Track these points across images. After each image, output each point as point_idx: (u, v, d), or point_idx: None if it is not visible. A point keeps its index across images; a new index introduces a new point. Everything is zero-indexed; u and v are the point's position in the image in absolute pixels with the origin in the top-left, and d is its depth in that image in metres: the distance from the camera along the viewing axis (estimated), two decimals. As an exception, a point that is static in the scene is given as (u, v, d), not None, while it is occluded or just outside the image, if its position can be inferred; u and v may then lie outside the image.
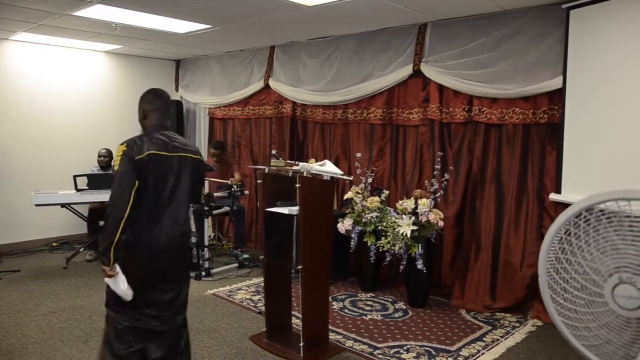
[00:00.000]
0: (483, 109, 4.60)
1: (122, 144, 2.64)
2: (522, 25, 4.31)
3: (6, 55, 6.31)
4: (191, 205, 3.07)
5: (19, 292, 4.87)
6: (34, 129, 6.38)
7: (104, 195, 5.38)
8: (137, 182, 2.56)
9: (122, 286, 2.57)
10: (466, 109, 4.71)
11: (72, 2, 4.40)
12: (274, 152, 5.17)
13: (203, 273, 5.40)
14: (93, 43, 6.47)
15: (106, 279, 2.59)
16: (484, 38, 4.53)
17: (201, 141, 7.69)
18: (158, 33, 5.66)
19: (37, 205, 5.23)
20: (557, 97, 4.14)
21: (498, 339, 3.97)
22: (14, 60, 6.38)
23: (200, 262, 5.49)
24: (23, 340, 3.81)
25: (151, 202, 2.63)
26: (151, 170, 2.62)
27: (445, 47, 4.80)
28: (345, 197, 5.19)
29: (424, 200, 4.62)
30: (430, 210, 4.57)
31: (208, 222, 5.74)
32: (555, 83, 4.10)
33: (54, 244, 6.44)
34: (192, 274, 5.40)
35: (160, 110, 2.89)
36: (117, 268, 2.56)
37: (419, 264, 4.47)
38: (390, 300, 4.86)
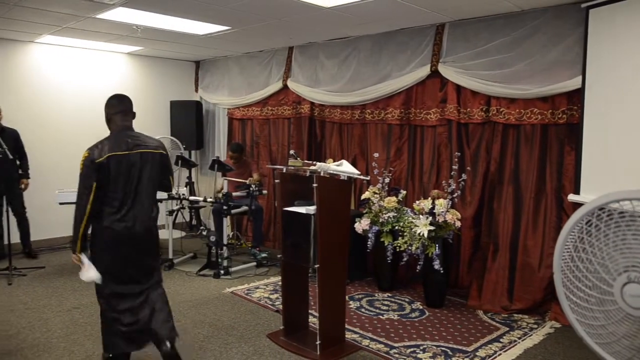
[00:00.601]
0: (501, 109, 4.58)
1: (86, 151, 2.99)
2: (541, 25, 4.29)
3: (32, 57, 6.47)
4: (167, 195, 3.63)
5: (43, 287, 5.00)
6: (59, 129, 6.52)
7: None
8: (94, 183, 2.93)
9: (90, 273, 2.97)
10: (484, 109, 4.70)
11: (95, 5, 4.50)
12: (291, 152, 5.19)
13: (222, 271, 5.47)
14: (115, 45, 6.60)
15: (82, 272, 3.02)
16: (502, 38, 4.52)
17: (220, 141, 7.77)
18: (178, 35, 5.75)
19: (60, 203, 5.35)
20: (576, 97, 4.11)
21: (515, 340, 3.95)
22: (39, 62, 6.54)
23: (219, 260, 5.57)
24: (47, 334, 3.92)
25: (118, 195, 3.01)
26: (113, 169, 2.97)
27: (463, 48, 4.79)
28: (363, 197, 5.22)
29: (441, 200, 4.62)
30: (447, 211, 4.57)
31: (227, 222, 5.80)
32: (574, 83, 4.08)
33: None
34: (211, 272, 5.50)
35: (122, 113, 3.19)
36: (84, 257, 2.99)
37: (436, 264, 4.48)
38: (407, 300, 4.87)
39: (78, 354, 3.59)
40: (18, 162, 5.78)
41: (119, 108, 3.20)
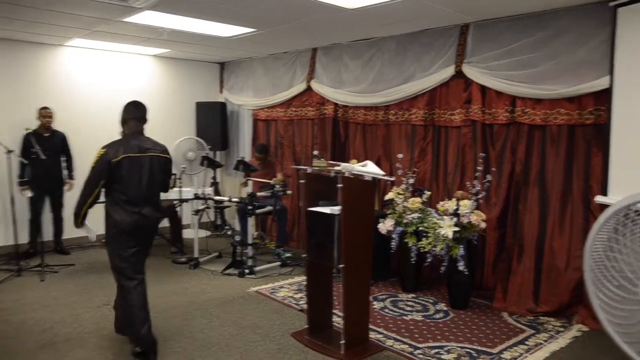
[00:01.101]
0: (526, 110, 4.55)
1: (102, 148, 3.45)
2: (567, 25, 4.25)
3: (62, 60, 6.64)
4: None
5: (74, 284, 5.13)
6: (87, 130, 6.65)
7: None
8: (104, 180, 3.40)
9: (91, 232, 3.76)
10: (509, 109, 4.66)
11: (123, 9, 4.60)
12: (315, 152, 5.23)
13: (246, 271, 5.53)
14: (142, 47, 6.73)
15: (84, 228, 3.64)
16: (527, 38, 4.48)
17: (245, 142, 7.85)
18: (204, 37, 5.83)
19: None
20: (604, 97, 4.05)
21: (541, 343, 3.92)
22: (69, 65, 6.71)
23: (244, 259, 5.63)
24: (79, 329, 4.03)
25: (130, 190, 3.44)
26: (126, 168, 3.41)
27: (488, 48, 4.77)
28: (387, 197, 5.22)
29: (465, 201, 4.61)
30: (472, 212, 4.56)
31: (251, 221, 5.86)
32: (601, 83, 4.02)
33: (102, 240, 6.72)
34: (236, 272, 5.56)
35: (137, 119, 3.63)
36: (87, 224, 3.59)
37: (461, 266, 4.47)
38: (431, 301, 4.87)
39: (109, 349, 3.69)
40: (64, 164, 6.21)
41: (135, 114, 3.62)
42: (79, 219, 3.51)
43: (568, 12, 4.23)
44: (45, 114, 6.01)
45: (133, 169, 3.44)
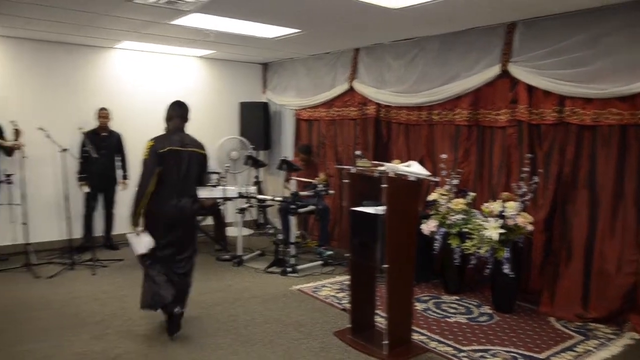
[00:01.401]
0: (576, 110, 4.43)
1: (150, 140, 3.79)
2: (622, 21, 4.10)
3: (112, 62, 6.88)
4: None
5: (123, 278, 5.31)
6: (137, 130, 6.83)
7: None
8: (158, 168, 3.71)
9: (143, 243, 3.75)
10: (557, 109, 4.55)
11: (171, 11, 4.73)
12: (358, 152, 5.24)
13: (289, 269, 5.59)
14: (188, 49, 6.89)
15: (128, 235, 3.87)
16: (578, 36, 4.36)
17: (287, 141, 7.93)
18: (248, 38, 5.92)
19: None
20: (659, 96, 3.91)
21: (591, 350, 3.82)
22: (118, 67, 6.94)
23: (286, 258, 5.70)
24: (129, 322, 4.18)
25: (169, 182, 3.78)
26: (169, 160, 3.76)
27: (536, 46, 4.66)
28: (430, 198, 5.18)
29: (511, 203, 4.53)
30: (518, 214, 4.47)
31: (293, 220, 5.92)
32: (658, 82, 3.88)
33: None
34: (279, 270, 5.63)
35: (180, 117, 4.00)
36: (141, 228, 3.77)
37: (506, 268, 4.39)
38: (474, 303, 4.81)
39: (157, 342, 3.81)
40: (119, 163, 6.48)
41: (178, 112, 4.01)
42: (137, 216, 3.77)
43: (624, 8, 4.07)
44: (101, 114, 6.26)
45: (174, 161, 3.79)
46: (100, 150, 5.99)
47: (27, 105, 6.22)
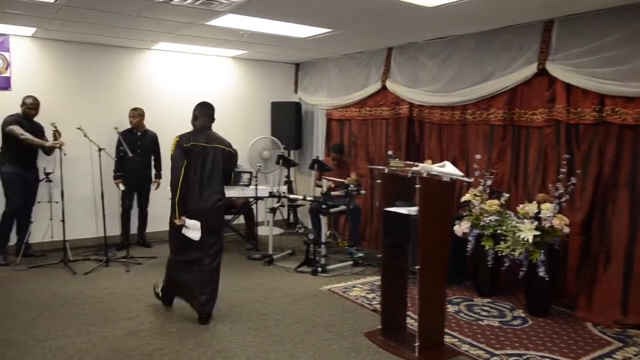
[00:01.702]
0: (617, 109, 4.29)
1: (177, 137, 4.04)
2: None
3: (149, 63, 7.01)
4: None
5: (156, 276, 5.33)
6: (172, 130, 6.93)
7: (229, 192, 5.75)
8: (185, 161, 3.97)
9: (194, 230, 3.97)
10: (597, 109, 4.42)
11: (207, 12, 4.78)
12: (390, 152, 5.20)
13: (319, 269, 5.59)
14: (221, 49, 6.96)
15: (184, 230, 4.00)
16: (618, 33, 4.22)
17: (318, 141, 7.93)
18: (281, 38, 5.95)
19: (170, 198, 5.74)
20: None
21: (630, 357, 3.69)
22: (155, 67, 7.06)
23: (317, 258, 5.70)
24: (162, 319, 4.24)
25: (194, 178, 4.00)
26: (194, 156, 4.00)
27: (575, 44, 4.54)
28: (463, 199, 5.11)
29: (547, 204, 4.42)
30: (554, 216, 4.36)
31: (325, 220, 5.91)
32: None
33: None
34: (309, 269, 5.64)
35: (207, 117, 4.23)
36: (184, 218, 3.96)
37: (541, 271, 4.29)
38: (508, 307, 4.71)
39: (189, 339, 3.84)
40: (154, 162, 6.58)
41: (204, 112, 4.23)
42: (177, 209, 3.96)
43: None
44: (131, 114, 6.35)
45: (199, 156, 4.02)
46: (136, 150, 6.10)
47: (66, 106, 6.38)
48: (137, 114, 6.38)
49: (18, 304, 4.49)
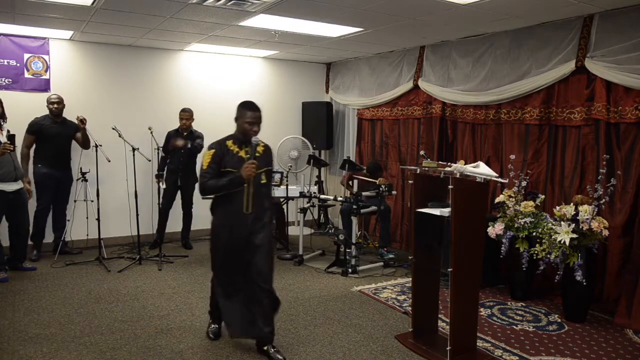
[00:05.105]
0: (660, 108, 4.13)
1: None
2: None
3: (182, 63, 7.09)
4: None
5: (187, 275, 5.46)
6: (205, 129, 7.04)
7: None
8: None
9: None
10: (639, 107, 4.26)
11: (239, 13, 4.81)
12: (422, 152, 5.13)
13: (349, 270, 5.55)
14: (253, 50, 6.98)
15: None
16: (664, 28, 4.06)
17: (349, 141, 7.89)
18: (312, 38, 5.94)
19: (203, 198, 5.78)
20: None
21: (673, 365, 3.55)
22: (188, 68, 7.14)
23: (347, 259, 5.66)
24: (192, 318, 4.27)
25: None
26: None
27: (615, 40, 4.38)
28: (497, 200, 4.99)
29: (585, 206, 4.28)
30: (593, 218, 4.22)
31: (355, 221, 5.87)
32: None
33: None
34: (339, 270, 5.60)
35: None
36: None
37: (578, 275, 4.15)
38: (543, 311, 4.58)
39: (220, 339, 3.86)
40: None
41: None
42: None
43: None
44: (181, 115, 6.36)
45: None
46: (180, 149, 6.17)
47: (102, 106, 6.52)
48: (183, 115, 6.35)
49: (55, 300, 4.60)
